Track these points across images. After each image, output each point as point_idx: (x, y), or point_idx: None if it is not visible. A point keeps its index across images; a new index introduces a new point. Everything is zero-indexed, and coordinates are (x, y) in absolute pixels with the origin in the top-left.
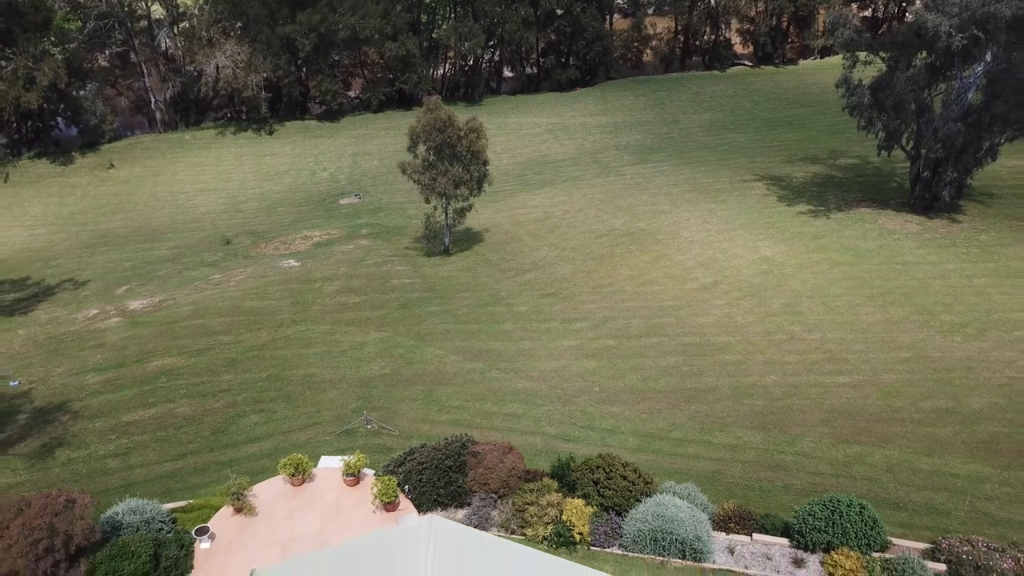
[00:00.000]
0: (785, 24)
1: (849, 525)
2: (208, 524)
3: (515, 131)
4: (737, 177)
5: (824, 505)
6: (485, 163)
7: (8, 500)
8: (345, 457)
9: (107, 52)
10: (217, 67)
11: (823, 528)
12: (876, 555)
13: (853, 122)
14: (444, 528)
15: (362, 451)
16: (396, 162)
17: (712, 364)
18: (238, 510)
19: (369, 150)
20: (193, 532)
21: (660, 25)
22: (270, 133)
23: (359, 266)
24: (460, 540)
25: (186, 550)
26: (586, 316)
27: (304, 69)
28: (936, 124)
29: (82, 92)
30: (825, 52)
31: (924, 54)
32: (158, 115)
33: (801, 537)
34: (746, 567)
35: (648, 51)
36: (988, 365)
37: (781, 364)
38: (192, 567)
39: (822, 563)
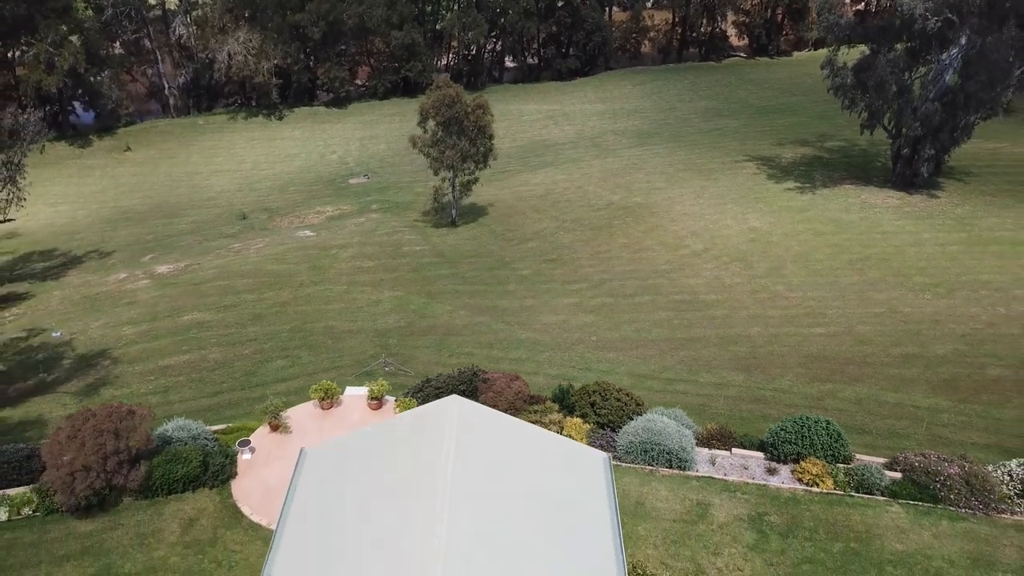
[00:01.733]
0: (780, 17)
1: (816, 439)
2: (249, 439)
3: (517, 117)
4: (729, 158)
5: (795, 422)
6: (491, 137)
7: (79, 411)
8: (369, 386)
9: (121, 40)
10: (229, 54)
11: (793, 441)
12: (840, 465)
13: (845, 112)
14: (465, 406)
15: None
16: (403, 146)
17: (701, 318)
18: (274, 428)
19: (376, 134)
20: (236, 444)
21: (658, 17)
22: (280, 118)
23: (371, 236)
24: (478, 415)
25: (230, 459)
26: (585, 278)
27: (313, 57)
28: (915, 104)
29: (99, 78)
30: (819, 44)
31: (905, 39)
32: (171, 101)
33: (774, 450)
34: (725, 475)
35: (646, 42)
36: (954, 319)
37: (764, 318)
38: (236, 474)
39: (792, 471)
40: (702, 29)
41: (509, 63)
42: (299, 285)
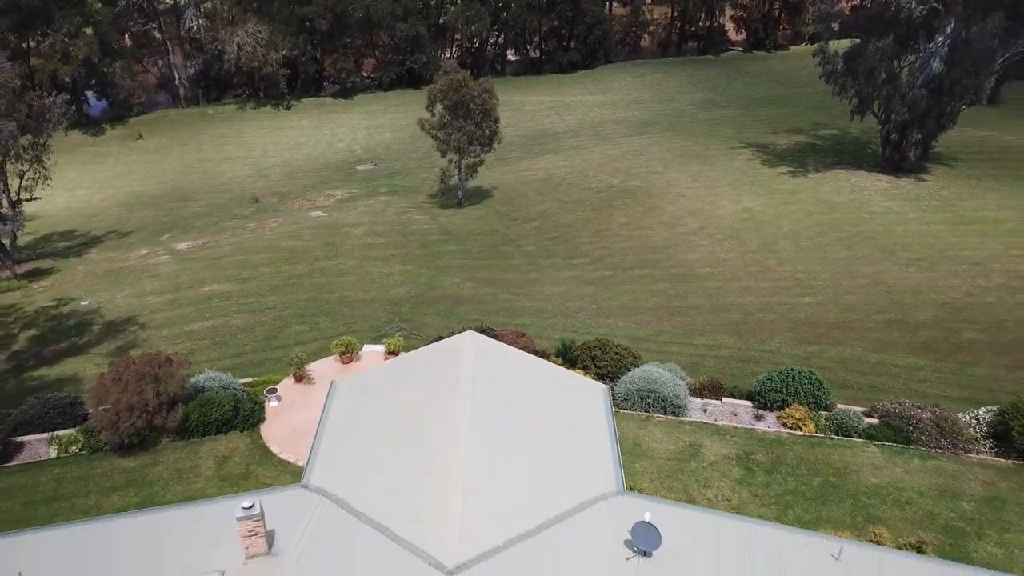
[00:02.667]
0: (777, 11)
1: (800, 387)
2: (276, 387)
3: (519, 108)
4: (725, 145)
5: (781, 373)
6: (496, 121)
7: (120, 359)
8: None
9: (133, 31)
10: (239, 45)
11: (779, 389)
12: (822, 412)
13: (837, 99)
14: (479, 338)
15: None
16: (408, 135)
17: (696, 289)
18: (298, 379)
19: (382, 123)
20: (264, 392)
21: (657, 11)
22: (288, 108)
23: (381, 216)
24: (491, 346)
25: (259, 406)
26: (585, 254)
27: (320, 49)
28: (903, 91)
29: (111, 68)
30: (815, 39)
31: (893, 28)
32: (181, 91)
33: (761, 398)
34: (716, 420)
35: (646, 36)
36: (935, 289)
37: (756, 289)
38: (264, 419)
39: (778, 417)
40: (701, 23)
41: (511, 56)
42: (313, 260)
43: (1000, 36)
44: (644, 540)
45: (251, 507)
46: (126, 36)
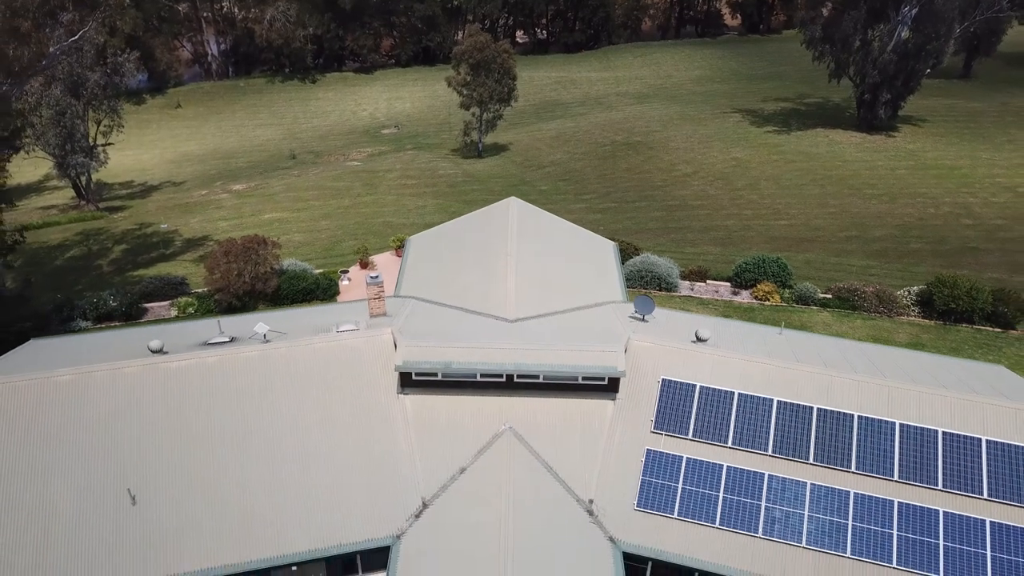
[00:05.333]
0: None
1: (768, 269)
2: (347, 270)
3: (528, 82)
4: (718, 111)
5: (754, 258)
6: (514, 78)
7: (227, 239)
8: None
9: (169, 9)
10: (270, 22)
11: (752, 271)
12: (786, 289)
13: (823, 73)
14: (521, 203)
15: None
16: (426, 105)
17: (688, 215)
18: (363, 266)
19: (401, 95)
20: (339, 272)
21: None
22: (313, 82)
23: (411, 164)
24: (531, 209)
25: (334, 284)
26: (593, 191)
27: (343, 27)
28: (874, 56)
29: (152, 43)
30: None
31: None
32: (214, 65)
33: (738, 278)
34: (701, 295)
35: (647, 19)
36: (892, 215)
37: (739, 215)
38: (339, 293)
39: (751, 292)
40: (698, 8)
41: (520, 37)
42: (356, 195)
43: (960, 7)
44: (643, 308)
45: (376, 276)
46: (164, 13)
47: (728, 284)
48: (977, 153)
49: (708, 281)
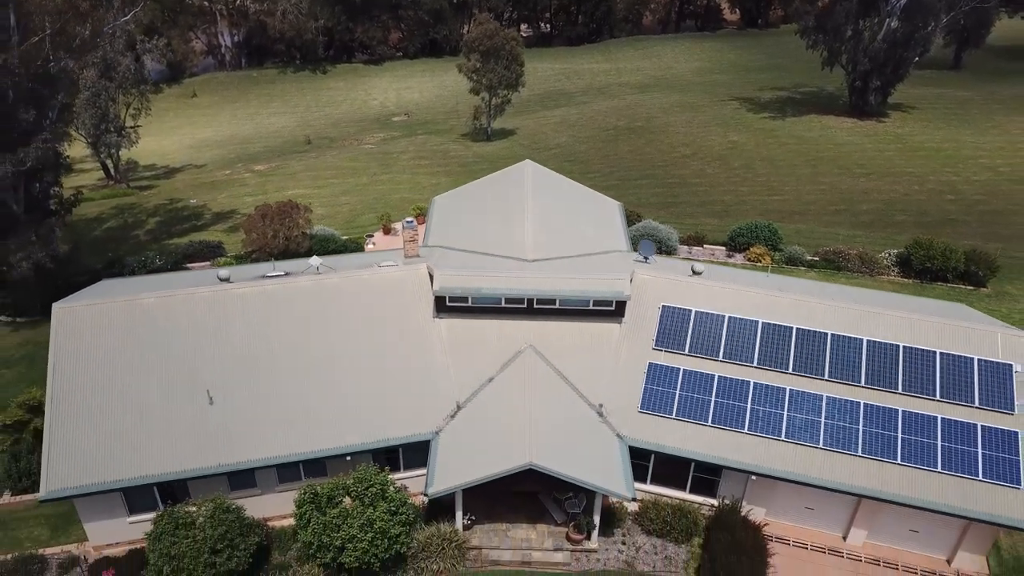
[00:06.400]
0: None
1: (760, 233)
2: (372, 234)
3: (533, 73)
4: (717, 99)
5: (747, 224)
6: (521, 64)
7: (262, 204)
8: None
9: (184, 2)
10: (283, 13)
11: (745, 235)
12: (777, 251)
13: (818, 65)
14: (535, 165)
15: None
16: (434, 95)
17: (687, 191)
18: (386, 232)
19: (410, 86)
20: (365, 237)
21: None
22: (324, 73)
23: (423, 147)
24: (544, 171)
25: (360, 247)
26: (596, 171)
27: (352, 20)
28: (864, 44)
29: (169, 34)
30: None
31: None
32: (227, 57)
33: (732, 242)
34: (698, 257)
35: (647, 13)
36: (879, 191)
37: (735, 191)
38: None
39: (745, 255)
40: (698, 3)
41: (524, 31)
42: (372, 174)
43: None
44: (646, 250)
45: (411, 221)
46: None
47: (723, 248)
48: (962, 137)
49: (705, 245)
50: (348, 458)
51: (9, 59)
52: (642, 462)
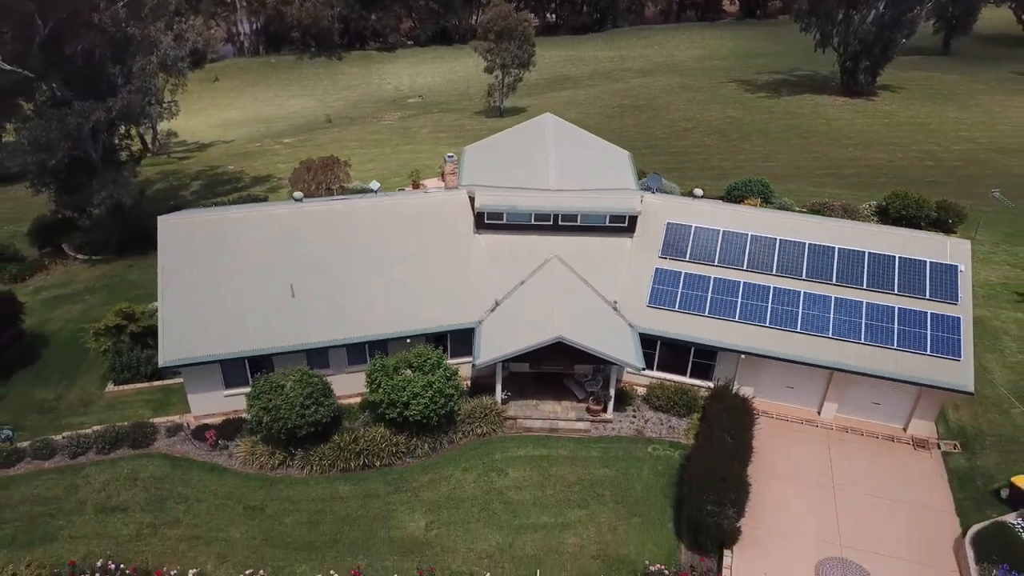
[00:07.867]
0: None
1: (753, 187)
2: (404, 189)
3: (540, 59)
4: (716, 81)
5: (742, 180)
6: (533, 45)
7: (307, 158)
8: None
9: None
10: (300, 1)
11: (740, 189)
12: (769, 203)
13: (812, 49)
14: (555, 118)
15: None
16: (445, 79)
17: (687, 159)
18: (415, 187)
19: (422, 71)
20: (397, 191)
21: None
22: (339, 59)
23: (440, 122)
24: (562, 122)
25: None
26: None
27: (366, 8)
28: (855, 27)
29: (191, 21)
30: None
31: None
32: (246, 44)
33: (728, 196)
34: None
35: (649, 4)
36: (865, 159)
37: (732, 158)
38: None
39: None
40: None
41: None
42: (395, 145)
43: None
44: (653, 182)
45: (452, 155)
46: None
47: (720, 200)
48: (945, 113)
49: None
50: (408, 340)
51: (103, 19)
52: (649, 350)
